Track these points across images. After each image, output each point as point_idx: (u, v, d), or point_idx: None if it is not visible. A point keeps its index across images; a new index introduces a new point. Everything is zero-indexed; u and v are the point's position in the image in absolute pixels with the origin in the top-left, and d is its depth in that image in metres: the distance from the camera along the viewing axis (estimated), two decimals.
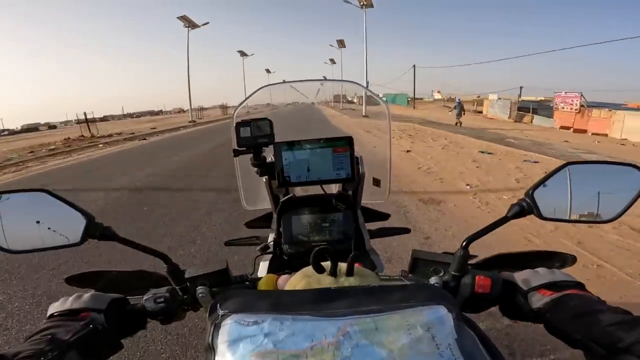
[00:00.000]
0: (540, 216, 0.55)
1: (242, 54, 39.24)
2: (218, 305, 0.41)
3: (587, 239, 3.05)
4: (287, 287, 0.54)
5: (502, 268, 0.64)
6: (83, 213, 0.53)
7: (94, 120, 20.36)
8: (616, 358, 0.41)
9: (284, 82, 1.16)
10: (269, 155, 0.87)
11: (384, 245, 2.75)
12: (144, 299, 0.59)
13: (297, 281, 0.53)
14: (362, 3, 24.03)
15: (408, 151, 8.10)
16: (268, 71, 70.04)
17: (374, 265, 0.51)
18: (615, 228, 3.17)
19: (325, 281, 0.49)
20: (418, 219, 3.70)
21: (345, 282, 0.49)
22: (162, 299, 0.58)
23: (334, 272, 0.49)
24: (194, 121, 26.72)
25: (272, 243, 0.93)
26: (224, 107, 35.66)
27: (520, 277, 0.57)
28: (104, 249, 2.98)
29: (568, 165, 0.55)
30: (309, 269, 0.53)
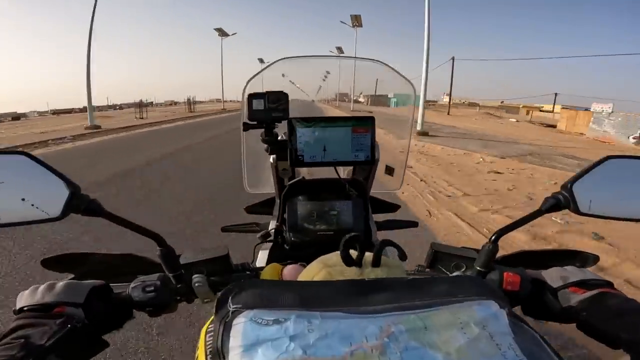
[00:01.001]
0: (577, 211, 0.51)
1: (222, 32, 37.47)
2: (229, 298, 0.34)
3: None
4: (303, 279, 0.47)
5: (524, 266, 0.60)
6: (67, 182, 0.45)
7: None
8: None
9: (298, 56, 1.04)
10: (280, 132, 0.81)
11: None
12: (130, 286, 0.51)
13: (315, 272, 0.46)
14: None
15: None
16: (261, 61, 64.09)
17: (403, 256, 0.46)
18: None
19: (349, 272, 0.43)
20: None
21: (372, 273, 0.43)
22: (152, 288, 0.50)
23: (359, 262, 0.43)
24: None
25: (273, 230, 0.87)
26: (190, 102, 30.46)
27: (549, 274, 0.55)
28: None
29: (609, 159, 0.52)
30: (329, 257, 0.47)
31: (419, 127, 11.68)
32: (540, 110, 44.12)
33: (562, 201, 0.51)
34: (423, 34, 11.83)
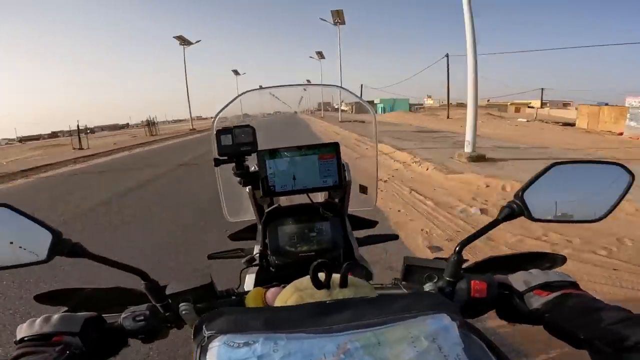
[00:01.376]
0: (531, 217, 0.55)
1: (184, 41, 32.09)
2: (204, 325, 0.37)
3: None
4: (278, 302, 0.51)
5: (494, 271, 0.63)
6: (49, 229, 0.49)
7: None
8: (623, 356, 0.40)
9: (261, 87, 1.12)
10: (252, 164, 0.84)
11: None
12: (121, 317, 0.55)
13: (287, 295, 0.49)
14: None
15: None
16: (236, 72, 55.78)
17: (369, 275, 0.49)
18: None
19: (319, 294, 0.46)
20: None
21: (340, 294, 0.46)
22: (142, 317, 0.54)
23: (327, 284, 0.47)
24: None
25: (257, 255, 0.90)
26: (150, 124, 25.88)
27: (515, 279, 0.57)
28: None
29: (555, 166, 0.55)
30: (300, 281, 0.51)
31: (469, 149, 6.80)
32: (529, 107, 42.11)
33: (515, 209, 0.54)
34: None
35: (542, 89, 44.73)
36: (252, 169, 0.84)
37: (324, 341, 0.34)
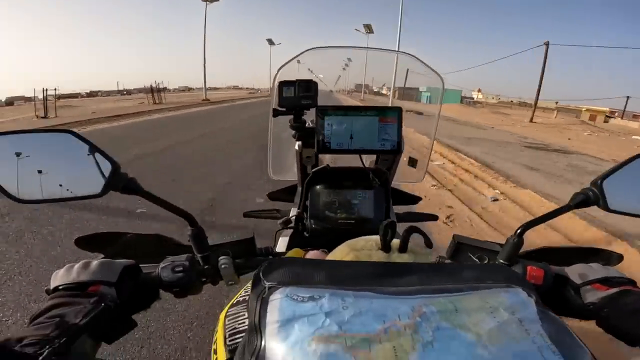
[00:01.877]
0: (606, 207, 0.51)
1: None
2: (261, 275, 0.35)
3: None
4: None
5: (547, 262, 0.60)
6: (109, 160, 0.47)
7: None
8: None
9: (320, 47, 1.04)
10: (308, 120, 0.83)
11: None
12: (160, 266, 0.53)
13: (342, 254, 0.47)
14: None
15: None
16: (271, 42, 56.75)
17: (429, 243, 0.48)
18: None
19: (377, 257, 0.44)
20: None
21: (398, 258, 0.44)
22: (181, 268, 0.52)
23: (387, 247, 0.44)
24: None
25: (294, 217, 0.88)
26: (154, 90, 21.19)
27: (572, 271, 0.55)
28: None
29: None
30: (356, 241, 0.48)
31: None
32: (607, 116, 33.65)
33: (591, 197, 0.51)
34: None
35: (628, 97, 36.91)
36: (307, 124, 0.83)
37: (397, 302, 0.31)
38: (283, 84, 0.79)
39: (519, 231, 0.54)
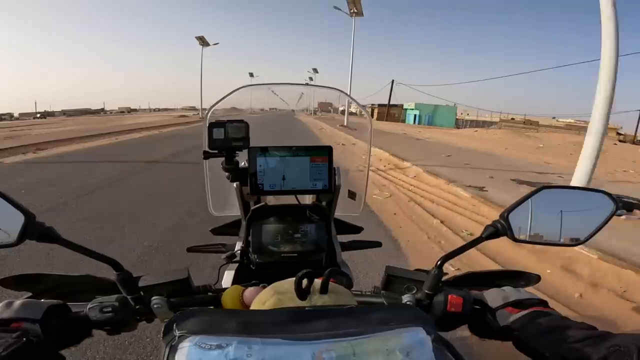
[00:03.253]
0: (514, 238, 0.56)
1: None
2: (174, 324, 0.36)
3: None
4: (255, 304, 0.50)
5: (471, 286, 0.64)
6: (22, 210, 0.47)
7: None
8: None
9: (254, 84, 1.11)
10: (241, 160, 0.83)
11: None
12: (88, 307, 0.53)
13: (266, 297, 0.48)
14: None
15: None
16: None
17: (349, 282, 0.50)
18: None
19: (298, 299, 0.46)
20: None
21: (319, 300, 0.46)
22: (110, 308, 0.53)
23: (307, 290, 0.46)
24: None
25: (239, 252, 0.89)
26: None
27: (489, 295, 0.59)
28: None
29: (543, 190, 0.56)
30: (281, 284, 0.50)
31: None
32: (619, 134, 30.01)
33: (499, 229, 0.55)
34: None
35: None
36: (241, 164, 0.83)
37: (300, 348, 0.33)
38: (213, 125, 0.79)
39: (439, 263, 0.57)
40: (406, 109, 40.15)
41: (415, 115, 37.69)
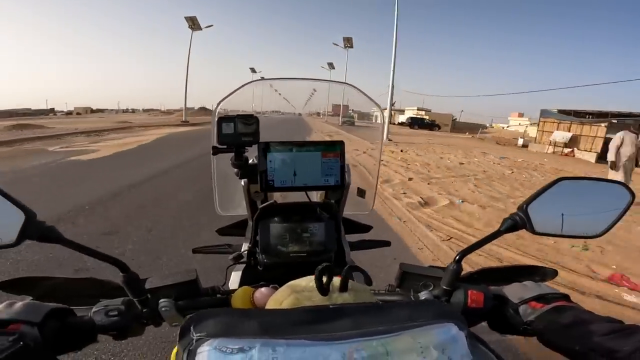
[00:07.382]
0: (533, 230, 0.55)
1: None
2: (191, 327, 0.34)
3: None
4: (271, 304, 0.48)
5: (487, 282, 0.63)
6: (22, 208, 0.44)
7: None
8: None
9: (262, 79, 1.09)
10: (251, 156, 0.81)
11: None
12: (92, 310, 0.51)
13: (283, 297, 0.46)
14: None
15: None
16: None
17: (368, 280, 0.49)
18: None
19: (317, 298, 0.44)
20: None
21: (339, 298, 0.44)
22: (116, 312, 0.50)
23: (324, 291, 0.44)
24: None
25: (245, 252, 0.86)
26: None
27: (510, 290, 0.58)
28: None
29: (560, 181, 0.55)
30: (297, 283, 0.48)
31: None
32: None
33: (518, 222, 0.54)
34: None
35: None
36: (251, 161, 0.81)
37: (328, 349, 0.31)
38: (222, 120, 0.76)
39: (457, 258, 0.56)
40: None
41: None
